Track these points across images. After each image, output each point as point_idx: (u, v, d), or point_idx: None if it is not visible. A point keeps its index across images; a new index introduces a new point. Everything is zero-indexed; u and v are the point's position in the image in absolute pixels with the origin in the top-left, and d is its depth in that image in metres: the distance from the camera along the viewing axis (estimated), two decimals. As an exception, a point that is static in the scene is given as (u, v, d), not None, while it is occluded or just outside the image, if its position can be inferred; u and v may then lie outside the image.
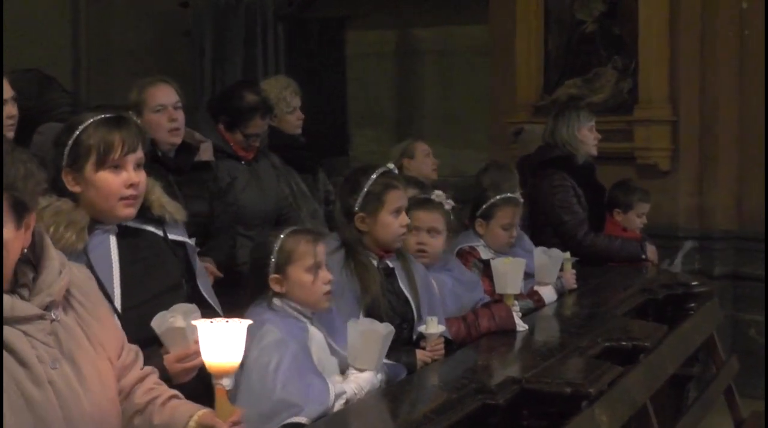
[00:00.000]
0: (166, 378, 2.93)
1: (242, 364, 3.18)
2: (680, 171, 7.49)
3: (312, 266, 3.39)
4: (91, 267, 2.92)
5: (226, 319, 2.56)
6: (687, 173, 7.50)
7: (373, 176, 3.86)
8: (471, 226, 4.94)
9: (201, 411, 2.57)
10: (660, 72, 7.43)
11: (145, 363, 2.88)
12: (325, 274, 3.41)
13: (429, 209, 4.26)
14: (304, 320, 3.41)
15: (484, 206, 4.91)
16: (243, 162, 5.18)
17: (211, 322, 2.55)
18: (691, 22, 7.40)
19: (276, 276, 3.40)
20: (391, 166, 3.99)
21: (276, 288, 3.40)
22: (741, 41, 7.38)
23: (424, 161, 6.29)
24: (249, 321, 2.60)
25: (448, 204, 4.41)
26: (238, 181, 5.11)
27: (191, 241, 3.33)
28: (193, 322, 2.61)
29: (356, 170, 3.99)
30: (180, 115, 4.54)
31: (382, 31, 10.82)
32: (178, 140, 4.58)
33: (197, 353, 2.92)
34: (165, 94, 4.54)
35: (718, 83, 7.40)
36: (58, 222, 2.96)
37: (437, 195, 4.37)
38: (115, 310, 2.97)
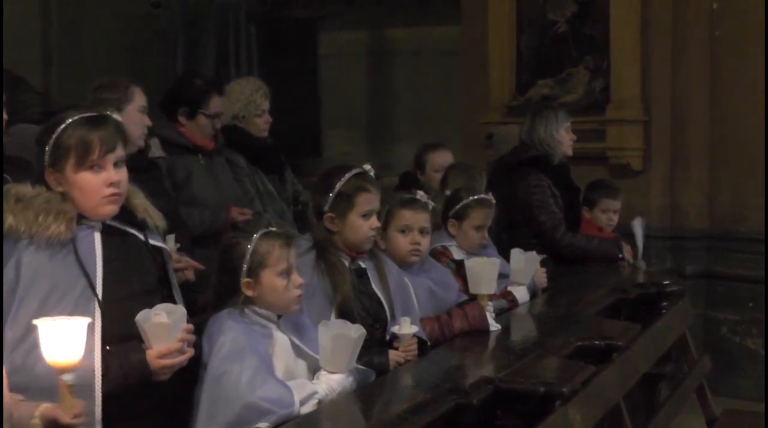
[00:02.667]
0: (148, 374, 2.96)
1: (204, 375, 3.20)
2: (652, 170, 7.53)
3: (284, 270, 3.37)
4: (77, 257, 2.99)
5: (68, 317, 2.61)
6: (659, 173, 7.54)
7: (346, 177, 3.85)
8: (443, 226, 4.94)
9: (44, 406, 2.61)
10: (632, 72, 7.46)
11: (129, 357, 2.94)
12: (296, 278, 3.39)
13: (418, 209, 4.26)
14: (270, 325, 3.39)
15: (457, 207, 4.91)
16: (200, 155, 5.18)
17: (54, 320, 2.59)
18: (663, 22, 7.44)
19: (248, 280, 3.38)
20: (367, 167, 3.97)
21: (248, 292, 3.38)
22: (712, 42, 7.42)
23: (433, 177, 6.11)
24: (88, 320, 2.65)
25: (431, 204, 4.41)
26: (195, 175, 5.10)
27: (167, 247, 3.34)
28: (35, 321, 2.63)
29: (331, 169, 3.97)
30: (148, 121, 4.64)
31: (354, 32, 10.84)
32: (143, 143, 4.64)
33: (180, 350, 2.97)
34: (144, 98, 4.59)
35: (689, 83, 7.44)
36: (48, 211, 2.99)
37: (421, 195, 4.36)
38: (97, 299, 3.00)
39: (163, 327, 2.94)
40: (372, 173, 3.96)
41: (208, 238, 4.98)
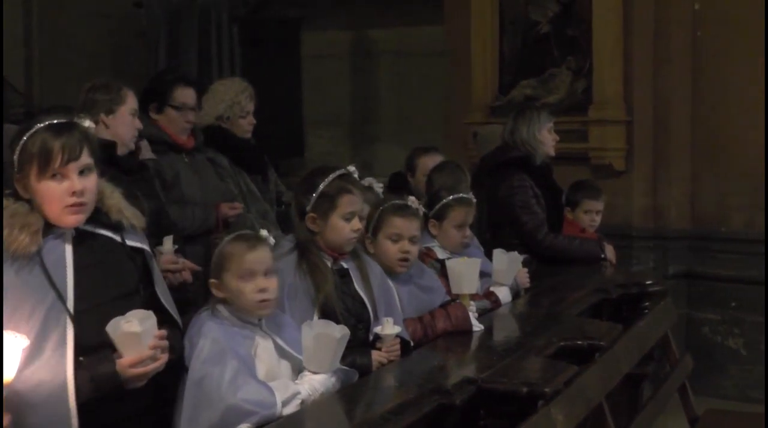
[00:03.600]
0: (119, 383, 2.93)
1: (185, 378, 3.19)
2: (634, 171, 7.54)
3: (245, 273, 3.36)
4: (45, 269, 2.93)
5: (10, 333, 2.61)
6: (641, 173, 7.56)
7: (330, 178, 3.84)
8: (425, 227, 4.93)
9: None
10: (614, 72, 7.48)
11: (99, 368, 2.90)
12: (260, 282, 3.35)
13: (410, 217, 4.23)
14: (251, 327, 3.38)
15: (437, 207, 4.90)
16: (184, 154, 5.18)
17: None
18: (645, 23, 7.46)
19: (214, 281, 3.39)
20: (351, 168, 3.96)
21: (217, 293, 3.38)
22: (693, 42, 7.44)
23: (423, 181, 6.01)
24: (22, 340, 2.64)
25: (422, 210, 4.40)
26: (182, 175, 5.11)
27: (165, 248, 3.32)
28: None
29: (315, 170, 3.96)
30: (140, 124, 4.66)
31: (337, 32, 10.82)
32: (133, 145, 4.64)
33: (152, 358, 2.93)
34: (135, 101, 4.61)
35: (671, 84, 7.47)
36: (12, 225, 2.95)
37: (412, 201, 4.35)
38: (68, 312, 2.95)
39: (133, 335, 2.90)
40: (356, 175, 3.95)
41: (201, 237, 4.99)
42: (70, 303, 2.97)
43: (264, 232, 3.48)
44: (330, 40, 10.84)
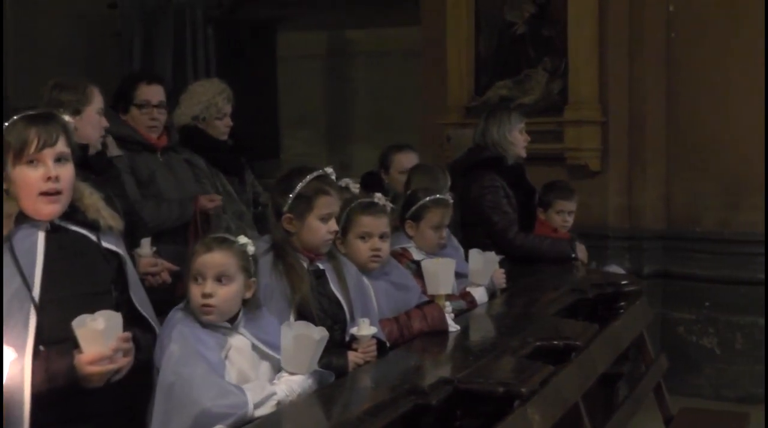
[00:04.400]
0: (75, 378, 2.91)
1: (156, 383, 3.17)
2: (610, 171, 7.57)
3: (196, 275, 3.35)
4: (13, 255, 2.94)
5: None
6: (616, 173, 7.58)
7: (307, 179, 3.83)
8: (401, 228, 4.93)
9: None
10: (589, 73, 7.50)
11: (56, 361, 2.89)
12: (207, 287, 3.32)
13: (378, 214, 4.23)
14: (223, 329, 3.37)
15: (413, 208, 4.90)
16: (158, 153, 5.16)
17: None
18: (620, 24, 7.49)
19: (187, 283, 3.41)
20: (328, 170, 3.96)
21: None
22: (668, 43, 7.47)
23: (398, 178, 6.11)
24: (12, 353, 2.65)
25: (389, 206, 4.40)
26: (158, 174, 5.09)
27: (143, 251, 3.31)
28: None
29: (292, 170, 3.95)
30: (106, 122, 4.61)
31: (313, 33, 10.82)
32: (100, 145, 4.63)
33: (112, 359, 2.91)
34: (102, 99, 4.56)
35: (646, 84, 7.49)
36: None
37: (379, 198, 4.35)
38: (32, 300, 2.95)
39: (95, 332, 2.88)
40: (333, 176, 3.95)
41: (176, 236, 4.98)
42: (36, 292, 2.97)
43: (242, 239, 3.46)
44: (306, 41, 10.83)
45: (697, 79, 7.32)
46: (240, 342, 3.38)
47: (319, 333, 3.33)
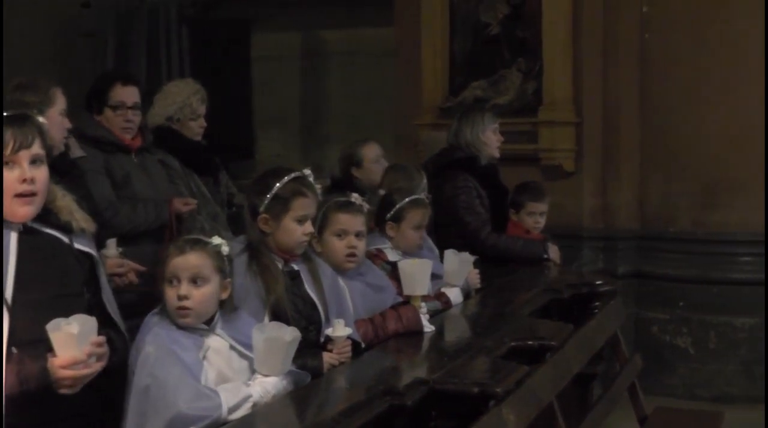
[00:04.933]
0: (48, 382, 2.88)
1: (131, 384, 3.16)
2: (584, 172, 7.59)
3: (170, 277, 3.33)
4: None
5: None
6: (590, 174, 7.60)
7: (284, 180, 3.83)
8: (380, 229, 4.93)
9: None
10: (564, 74, 7.52)
11: (28, 364, 2.86)
12: (183, 289, 3.30)
13: (354, 213, 4.24)
14: (201, 331, 3.36)
15: (393, 210, 4.91)
16: (133, 154, 5.12)
17: None
18: (594, 25, 7.51)
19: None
20: (306, 172, 3.95)
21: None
22: (642, 44, 7.50)
23: (372, 168, 6.10)
24: None
25: (365, 206, 4.40)
26: (133, 175, 5.05)
27: (109, 252, 3.29)
28: None
29: (269, 171, 3.95)
30: (68, 123, 4.55)
31: (287, 33, 10.80)
32: (63, 146, 4.57)
33: (86, 364, 2.88)
34: (65, 100, 4.50)
35: (620, 85, 7.52)
36: None
37: (355, 197, 4.35)
38: (5, 301, 2.93)
39: (69, 336, 2.85)
40: (311, 178, 3.94)
41: (149, 238, 4.96)
42: (8, 294, 2.96)
43: (216, 239, 3.44)
44: (280, 41, 10.81)
45: (671, 79, 7.35)
46: (217, 343, 3.37)
47: (290, 334, 3.32)
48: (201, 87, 5.68)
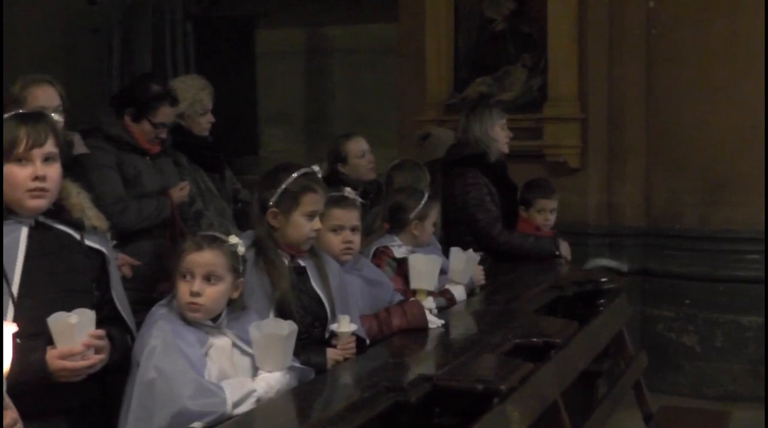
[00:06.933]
0: (46, 372, 2.92)
1: (134, 377, 3.17)
2: (589, 168, 7.57)
3: (185, 273, 3.34)
4: None
5: None
6: (596, 170, 7.58)
7: (294, 175, 3.84)
8: (394, 229, 4.95)
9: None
10: (569, 70, 7.50)
11: (27, 353, 2.89)
12: (195, 285, 3.32)
13: (348, 207, 4.25)
14: (206, 327, 3.35)
15: (416, 210, 4.94)
16: (147, 157, 5.11)
17: None
18: (600, 21, 7.48)
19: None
20: (316, 168, 3.97)
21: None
22: (648, 40, 7.47)
23: (357, 163, 6.08)
24: (13, 327, 2.57)
25: (359, 201, 4.41)
26: (144, 173, 5.05)
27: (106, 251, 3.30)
28: None
29: (280, 165, 3.96)
30: (61, 119, 4.50)
31: (291, 30, 10.79)
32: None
33: (84, 355, 2.93)
34: (48, 97, 4.53)
35: (625, 81, 7.50)
36: None
37: (349, 192, 4.35)
38: (11, 295, 2.97)
39: (67, 327, 2.91)
40: (320, 175, 3.97)
41: (148, 234, 4.95)
42: (15, 287, 2.99)
43: (233, 239, 3.45)
44: (284, 38, 10.81)
45: (677, 75, 7.33)
46: (221, 341, 3.37)
47: (287, 328, 3.32)
48: (207, 82, 5.69)
